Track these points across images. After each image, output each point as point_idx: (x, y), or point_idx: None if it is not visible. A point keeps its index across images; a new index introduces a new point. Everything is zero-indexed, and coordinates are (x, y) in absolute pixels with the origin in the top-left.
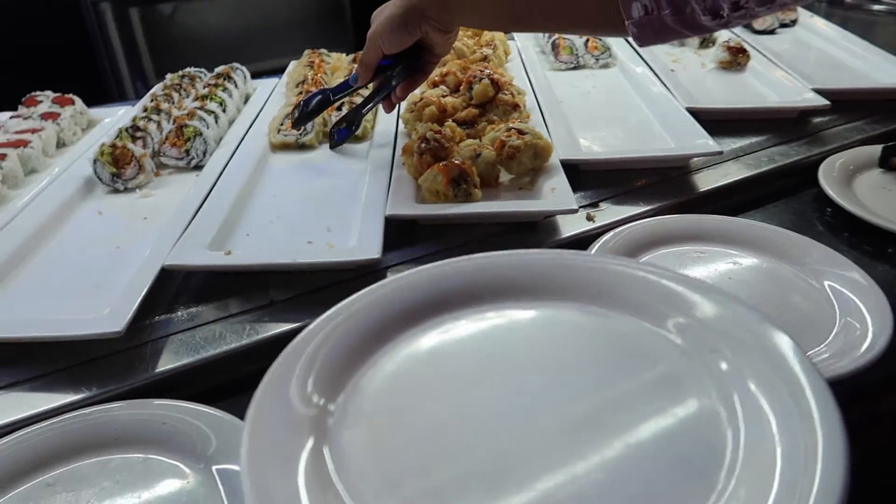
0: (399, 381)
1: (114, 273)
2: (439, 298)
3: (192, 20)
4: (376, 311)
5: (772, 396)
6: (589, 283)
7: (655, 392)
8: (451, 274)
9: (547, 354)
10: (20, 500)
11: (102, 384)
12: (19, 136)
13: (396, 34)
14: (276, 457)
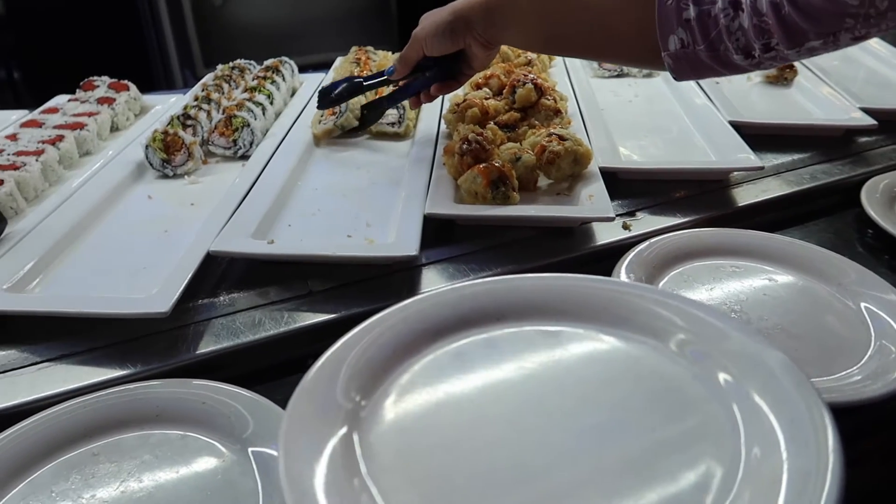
0: (427, 390)
1: (161, 255)
2: (468, 315)
3: (242, 11)
4: (412, 323)
5: (776, 414)
6: (607, 307)
7: (665, 407)
8: (480, 293)
9: (566, 372)
10: (67, 466)
11: (147, 362)
12: (76, 119)
13: (440, 40)
14: (310, 436)
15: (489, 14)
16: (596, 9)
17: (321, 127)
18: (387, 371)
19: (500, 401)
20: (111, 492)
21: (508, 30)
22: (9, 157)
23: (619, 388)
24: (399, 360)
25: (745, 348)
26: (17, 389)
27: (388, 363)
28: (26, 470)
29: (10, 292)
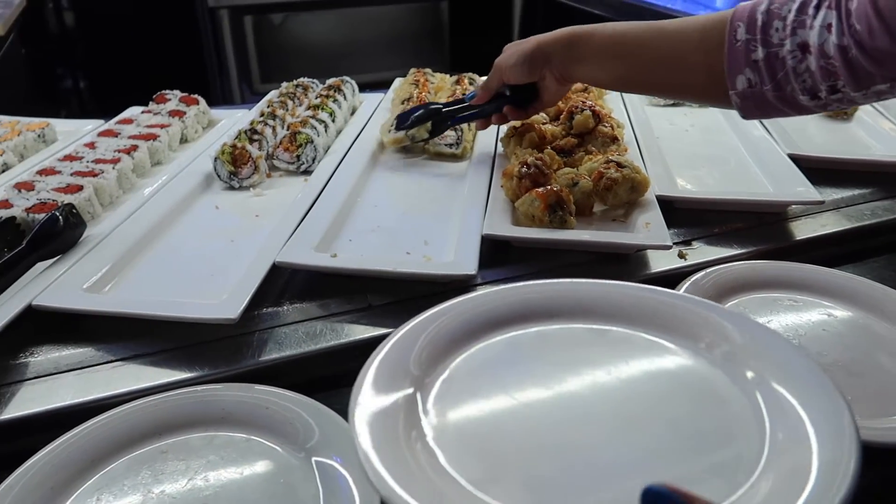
0: (482, 371)
1: (228, 264)
2: (524, 310)
3: (299, 29)
4: (477, 313)
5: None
6: (651, 311)
7: (695, 397)
8: (537, 291)
9: (609, 364)
10: (138, 461)
11: (214, 365)
12: (149, 130)
13: (519, 69)
14: (382, 389)
15: (568, 49)
16: (669, 50)
17: (391, 136)
18: (450, 350)
19: (545, 384)
20: (178, 488)
21: (584, 66)
22: (87, 165)
23: (656, 382)
24: (461, 343)
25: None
26: (92, 386)
27: (453, 344)
28: (100, 462)
29: (89, 293)
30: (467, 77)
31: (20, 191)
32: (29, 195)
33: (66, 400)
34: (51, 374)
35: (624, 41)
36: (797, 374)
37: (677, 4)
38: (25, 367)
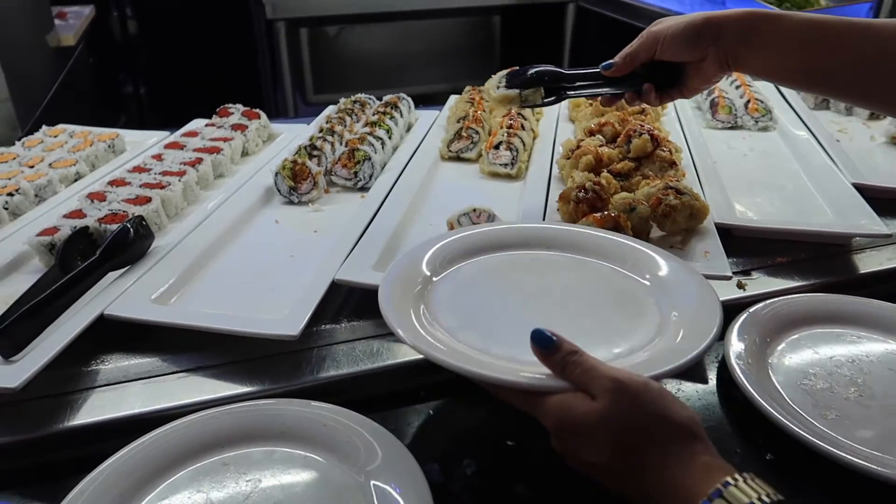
0: (482, 274)
1: (288, 279)
2: (525, 239)
3: (353, 42)
4: (486, 239)
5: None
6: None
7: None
8: (532, 229)
9: (566, 275)
10: (202, 472)
11: (274, 380)
12: (213, 144)
13: (681, 42)
14: (404, 274)
15: (747, 28)
16: (877, 38)
17: (500, 92)
18: (456, 260)
19: (516, 284)
20: (239, 501)
21: (762, 51)
22: (155, 177)
23: (594, 290)
24: (465, 257)
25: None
26: (159, 395)
27: (457, 257)
28: (166, 472)
29: (156, 304)
30: None
31: (93, 201)
32: (101, 205)
33: (134, 408)
34: (120, 382)
35: (822, 31)
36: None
37: None
38: (96, 375)
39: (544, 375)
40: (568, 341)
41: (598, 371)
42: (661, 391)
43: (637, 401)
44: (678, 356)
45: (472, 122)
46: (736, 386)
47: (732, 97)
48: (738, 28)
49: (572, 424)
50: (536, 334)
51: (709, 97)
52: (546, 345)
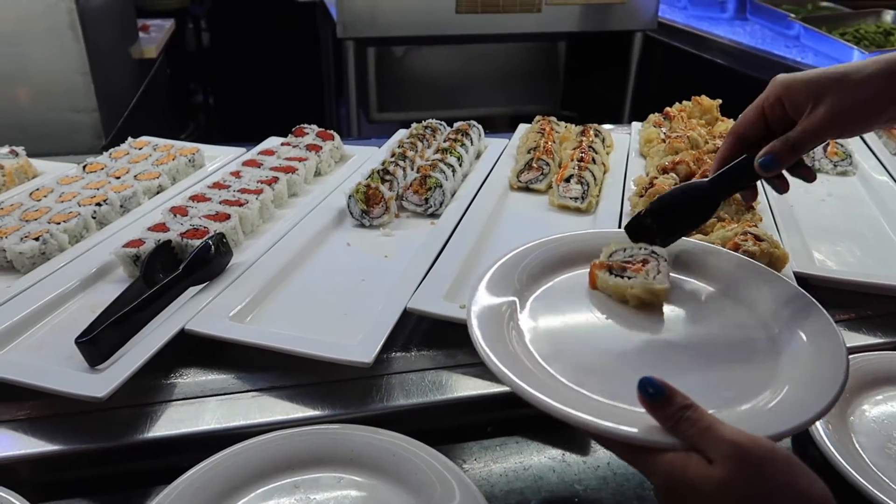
0: (576, 290)
1: (360, 304)
2: None
3: (419, 63)
4: (568, 247)
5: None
6: (714, 269)
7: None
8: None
9: (674, 310)
10: (274, 493)
11: (344, 405)
12: (289, 163)
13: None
14: (494, 291)
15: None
16: None
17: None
18: (551, 273)
19: (621, 309)
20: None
21: None
22: (234, 194)
23: (707, 326)
24: (554, 272)
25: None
26: (233, 413)
27: (553, 268)
28: (239, 490)
29: (233, 321)
30: (593, 128)
31: (175, 215)
32: (183, 220)
33: (210, 424)
34: (197, 397)
35: None
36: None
37: (808, 58)
38: (174, 388)
39: (656, 429)
40: (681, 393)
41: (717, 432)
42: (789, 459)
43: (761, 471)
44: (800, 411)
45: (542, 154)
46: (814, 444)
47: None
48: None
49: (685, 488)
50: (645, 384)
51: None
52: (656, 396)
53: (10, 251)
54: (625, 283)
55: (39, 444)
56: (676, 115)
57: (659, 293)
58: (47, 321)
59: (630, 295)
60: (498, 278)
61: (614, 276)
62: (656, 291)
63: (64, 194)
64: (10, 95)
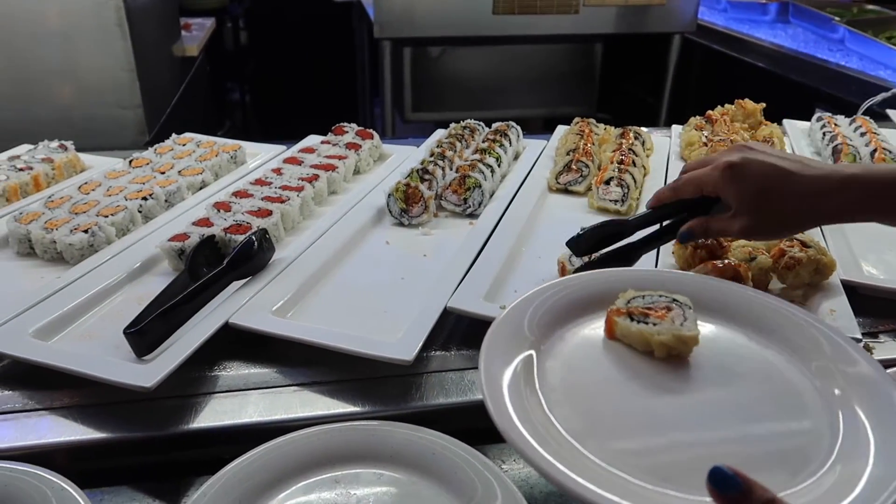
0: (591, 342)
1: (399, 302)
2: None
3: (454, 63)
4: (589, 289)
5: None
6: (757, 314)
7: (779, 398)
8: (641, 276)
9: (708, 355)
10: (315, 486)
11: (384, 402)
12: (329, 161)
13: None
14: (504, 349)
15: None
16: None
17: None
18: (562, 321)
19: (646, 364)
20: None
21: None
22: (275, 190)
23: (747, 378)
24: (573, 317)
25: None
26: (275, 407)
27: (565, 316)
28: (280, 483)
29: (276, 316)
30: (632, 131)
31: (219, 210)
32: (226, 216)
33: (252, 417)
34: (240, 389)
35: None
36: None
37: (853, 62)
38: (217, 380)
39: None
40: (759, 485)
41: None
42: None
43: None
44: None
45: (581, 155)
46: None
47: (857, 145)
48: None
49: None
50: (718, 477)
51: (831, 143)
52: (730, 490)
53: (60, 243)
54: (651, 330)
55: (88, 431)
56: (718, 119)
57: (689, 341)
58: (95, 311)
59: (657, 343)
60: (503, 340)
61: (636, 322)
62: (686, 339)
63: (111, 188)
64: (58, 91)
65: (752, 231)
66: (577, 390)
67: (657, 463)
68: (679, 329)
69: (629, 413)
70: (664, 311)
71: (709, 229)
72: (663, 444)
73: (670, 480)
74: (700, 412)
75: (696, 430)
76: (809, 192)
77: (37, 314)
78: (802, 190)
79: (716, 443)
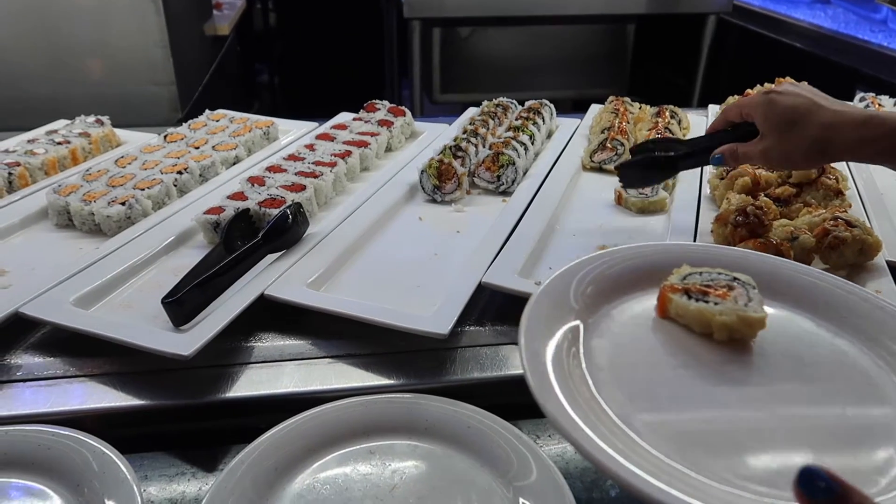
0: (641, 320)
1: (433, 277)
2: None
3: (484, 44)
4: (640, 261)
5: None
6: (826, 300)
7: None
8: (699, 252)
9: (769, 338)
10: (350, 457)
11: (418, 376)
12: (361, 137)
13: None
14: (546, 322)
15: None
16: None
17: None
18: (609, 296)
19: (703, 347)
20: (385, 492)
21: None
22: (309, 166)
23: (819, 369)
24: (620, 292)
25: None
26: (310, 378)
27: (611, 290)
28: (316, 452)
29: (310, 289)
30: (668, 109)
31: (253, 185)
32: (260, 189)
33: (288, 387)
34: (275, 360)
35: None
36: None
37: (881, 39)
38: (252, 351)
39: None
40: (857, 491)
41: None
42: None
43: None
44: None
45: (616, 134)
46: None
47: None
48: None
49: None
50: (808, 477)
51: None
52: (823, 495)
53: (98, 214)
54: (712, 310)
55: (126, 398)
56: None
57: (755, 323)
58: (132, 282)
59: (719, 324)
60: (546, 311)
61: (695, 300)
62: (752, 321)
63: (147, 162)
64: (92, 68)
65: (771, 155)
66: (628, 373)
67: (729, 459)
68: (744, 310)
69: (688, 401)
70: (725, 290)
71: (735, 153)
72: (729, 437)
73: (740, 478)
74: (769, 404)
75: (766, 424)
76: (832, 123)
77: (77, 283)
78: (825, 120)
79: (789, 439)
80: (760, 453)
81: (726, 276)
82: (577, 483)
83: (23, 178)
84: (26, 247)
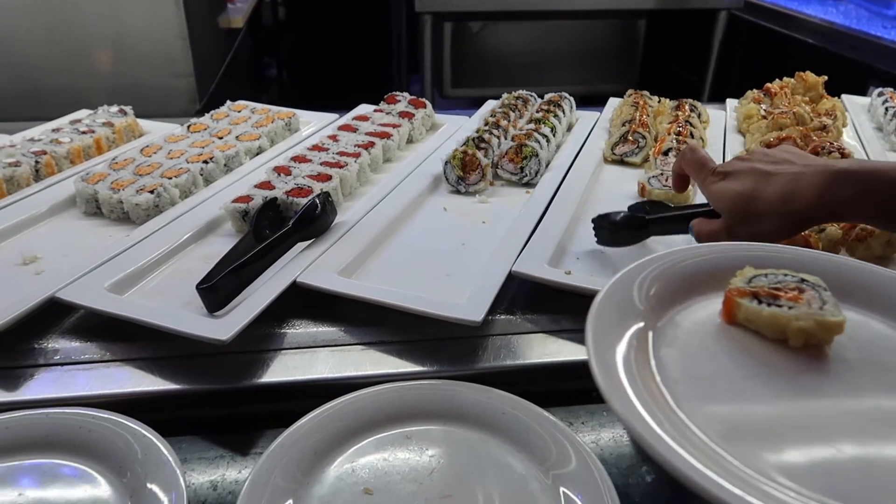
0: (707, 327)
1: (462, 266)
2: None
3: (494, 39)
4: (705, 263)
5: None
6: None
7: None
8: (765, 253)
9: (843, 342)
10: (386, 442)
11: (451, 363)
12: (383, 129)
13: (776, 239)
14: (613, 323)
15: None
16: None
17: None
18: (672, 301)
19: (778, 355)
20: (423, 475)
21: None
22: (333, 156)
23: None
24: (682, 296)
25: None
26: (345, 364)
27: (673, 295)
28: (353, 436)
29: (341, 276)
30: (688, 103)
31: (279, 174)
32: (287, 179)
33: (322, 373)
34: (309, 346)
35: None
36: None
37: (892, 34)
38: (285, 337)
39: None
40: None
41: None
42: None
43: None
44: None
45: (638, 126)
46: None
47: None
48: (824, 213)
49: None
50: None
51: (895, 118)
52: None
53: (126, 202)
54: (787, 315)
55: (163, 382)
56: (778, 92)
57: (833, 328)
58: (163, 269)
59: (795, 330)
60: (611, 313)
61: (767, 305)
62: (830, 325)
63: (172, 151)
64: (110, 59)
65: (740, 237)
66: (703, 385)
67: (833, 475)
68: (822, 314)
69: (773, 414)
70: (795, 293)
71: (700, 232)
72: (824, 452)
73: (842, 499)
74: (860, 415)
75: (861, 438)
76: (785, 195)
77: (110, 270)
78: (773, 200)
79: (882, 446)
80: (863, 472)
81: (793, 278)
82: (613, 469)
83: (49, 167)
84: (56, 234)
